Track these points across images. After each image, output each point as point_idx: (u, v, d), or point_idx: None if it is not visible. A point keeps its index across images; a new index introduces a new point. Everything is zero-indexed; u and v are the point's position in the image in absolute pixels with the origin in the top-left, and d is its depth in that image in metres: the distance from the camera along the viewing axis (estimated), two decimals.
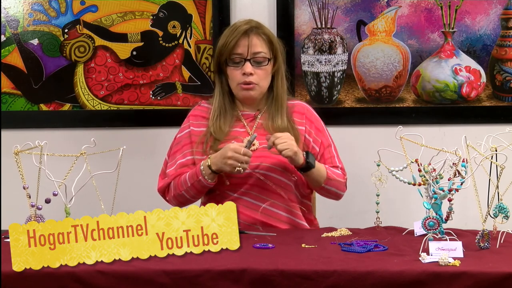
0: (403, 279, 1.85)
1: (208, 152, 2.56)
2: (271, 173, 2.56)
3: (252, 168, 2.54)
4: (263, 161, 2.56)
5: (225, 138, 2.59)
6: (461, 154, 2.19)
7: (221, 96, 2.64)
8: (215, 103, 2.64)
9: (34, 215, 2.15)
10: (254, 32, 2.60)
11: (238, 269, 1.88)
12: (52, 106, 3.31)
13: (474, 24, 3.27)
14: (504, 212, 2.21)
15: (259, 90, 2.61)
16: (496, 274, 1.84)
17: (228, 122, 2.62)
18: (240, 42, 2.58)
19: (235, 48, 2.58)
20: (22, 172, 2.13)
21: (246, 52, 2.57)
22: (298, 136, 2.60)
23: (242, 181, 2.56)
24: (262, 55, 2.59)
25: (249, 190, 2.56)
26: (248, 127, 2.63)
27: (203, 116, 2.67)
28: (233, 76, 2.60)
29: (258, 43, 2.59)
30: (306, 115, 2.69)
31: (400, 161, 2.31)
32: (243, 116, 2.66)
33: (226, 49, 2.59)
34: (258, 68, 2.59)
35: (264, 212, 2.55)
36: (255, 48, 2.58)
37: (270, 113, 2.63)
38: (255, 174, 2.55)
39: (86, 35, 3.29)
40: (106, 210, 2.11)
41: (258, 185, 2.56)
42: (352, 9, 3.27)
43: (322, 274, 1.87)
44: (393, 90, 3.30)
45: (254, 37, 2.59)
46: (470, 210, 2.42)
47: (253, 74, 2.57)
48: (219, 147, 2.54)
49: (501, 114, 3.30)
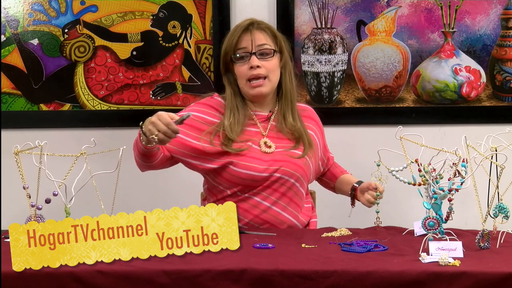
0: (403, 279, 1.85)
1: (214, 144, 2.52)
2: (287, 177, 2.55)
3: (271, 172, 2.53)
4: (282, 165, 2.54)
5: (239, 138, 2.55)
6: (461, 154, 2.19)
7: (233, 96, 2.61)
8: (228, 103, 2.61)
9: (34, 215, 2.15)
10: (256, 26, 2.60)
11: (238, 269, 1.88)
12: (52, 106, 3.31)
13: (474, 24, 3.27)
14: (504, 212, 2.21)
15: (269, 85, 2.58)
16: (496, 274, 1.84)
17: (241, 121, 2.58)
18: (242, 37, 2.57)
19: (239, 44, 2.57)
20: (22, 172, 2.13)
21: (250, 45, 2.56)
22: (311, 141, 2.62)
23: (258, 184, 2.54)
24: (266, 47, 2.58)
25: (261, 191, 2.55)
26: (261, 128, 2.61)
27: (215, 108, 2.63)
28: (240, 72, 2.58)
29: (261, 36, 2.59)
30: (315, 120, 2.74)
31: (400, 161, 2.31)
32: (256, 116, 2.63)
33: (230, 47, 2.58)
34: (265, 60, 2.57)
35: (271, 213, 2.55)
36: (259, 41, 2.57)
37: (282, 113, 2.62)
38: (272, 177, 2.54)
39: (86, 35, 3.29)
40: (106, 210, 2.11)
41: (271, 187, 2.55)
42: (352, 9, 3.27)
43: (322, 274, 1.87)
44: (393, 90, 3.30)
45: (257, 31, 2.59)
46: (470, 210, 2.43)
47: (261, 67, 2.56)
48: (233, 147, 2.52)
49: (501, 114, 3.30)
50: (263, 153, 2.55)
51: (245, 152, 2.53)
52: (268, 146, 2.56)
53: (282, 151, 2.56)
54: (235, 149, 2.52)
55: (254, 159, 2.53)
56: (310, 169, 2.60)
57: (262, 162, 2.53)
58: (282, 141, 2.59)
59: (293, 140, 2.60)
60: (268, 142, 2.57)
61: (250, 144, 2.55)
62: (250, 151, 2.54)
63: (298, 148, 2.59)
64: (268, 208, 2.54)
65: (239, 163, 2.52)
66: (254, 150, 2.55)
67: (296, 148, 2.58)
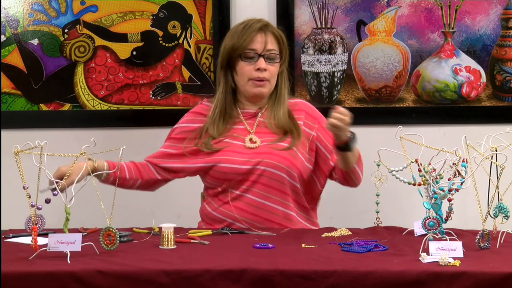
0: (403, 279, 1.85)
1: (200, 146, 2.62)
2: (272, 169, 2.56)
3: (253, 165, 2.55)
4: (265, 157, 2.57)
5: (223, 136, 2.62)
6: (461, 154, 2.19)
7: (224, 94, 2.66)
8: (216, 101, 2.67)
9: (34, 215, 2.15)
10: (270, 29, 2.64)
11: (238, 269, 1.88)
12: (52, 106, 3.31)
13: (474, 24, 3.27)
14: (504, 212, 2.21)
15: (269, 87, 2.64)
16: (496, 274, 1.84)
17: (227, 121, 2.65)
18: (256, 38, 2.61)
19: (251, 44, 2.61)
20: (22, 172, 2.13)
21: (262, 48, 2.61)
22: (300, 133, 2.62)
23: (244, 178, 2.56)
24: (274, 52, 2.63)
25: (251, 187, 2.57)
26: (247, 125, 2.65)
27: (202, 113, 2.70)
28: (245, 71, 2.62)
29: (273, 40, 2.64)
30: (306, 111, 2.70)
31: (400, 161, 2.31)
32: (243, 114, 2.67)
33: (241, 45, 2.61)
34: (271, 65, 2.62)
35: (263, 208, 2.56)
36: (270, 45, 2.62)
37: (271, 111, 2.66)
38: (256, 170, 2.56)
39: (86, 35, 3.29)
40: (106, 210, 2.11)
41: (260, 182, 2.57)
42: (352, 9, 3.27)
43: (322, 274, 1.87)
44: (393, 90, 3.30)
45: (270, 35, 2.64)
46: (470, 210, 2.42)
47: (266, 70, 2.61)
48: (212, 145, 2.60)
49: (501, 114, 3.30)
50: (246, 148, 2.61)
51: (227, 149, 2.59)
52: (253, 142, 2.61)
53: (266, 145, 2.59)
54: (215, 148, 2.60)
55: (235, 153, 2.58)
56: (299, 160, 2.60)
57: (243, 155, 2.58)
58: (268, 135, 2.62)
59: (280, 134, 2.62)
60: (253, 138, 2.62)
61: (229, 141, 2.60)
62: (233, 147, 2.60)
63: (285, 140, 2.61)
64: (262, 204, 2.56)
65: (221, 158, 2.58)
66: (237, 146, 2.61)
67: (282, 141, 2.60)
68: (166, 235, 2.16)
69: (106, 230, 2.09)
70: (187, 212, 2.98)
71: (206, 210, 2.67)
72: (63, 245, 2.02)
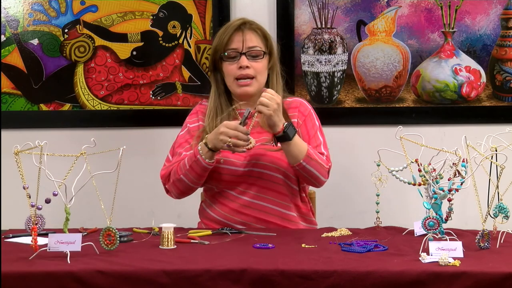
0: (403, 279, 1.85)
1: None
2: (267, 170, 2.56)
3: (249, 167, 2.56)
4: (259, 159, 2.56)
5: None
6: (461, 154, 2.19)
7: (217, 95, 2.67)
8: (211, 103, 2.67)
9: (34, 215, 2.15)
10: (248, 27, 2.63)
11: (238, 269, 1.89)
12: (52, 106, 3.31)
13: (474, 24, 3.27)
14: (504, 212, 2.21)
15: (256, 85, 2.62)
16: (496, 274, 1.85)
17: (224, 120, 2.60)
18: (234, 37, 2.60)
19: (230, 43, 2.60)
20: (22, 172, 2.13)
21: (241, 46, 2.60)
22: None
23: (240, 179, 2.56)
24: (257, 49, 2.61)
25: (247, 189, 2.57)
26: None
27: (203, 112, 2.70)
28: (229, 71, 2.61)
29: (252, 37, 2.62)
30: (299, 109, 2.69)
31: (400, 161, 2.31)
32: (240, 114, 2.66)
33: (220, 46, 2.61)
34: (254, 61, 2.60)
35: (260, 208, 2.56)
36: (250, 42, 2.61)
37: None
38: (252, 172, 2.56)
39: (86, 35, 3.29)
40: (106, 210, 2.11)
41: (256, 183, 2.56)
42: (352, 9, 3.27)
43: (322, 274, 1.87)
44: (393, 90, 3.30)
45: (249, 32, 2.62)
46: (470, 210, 2.43)
47: (250, 67, 2.59)
48: None
49: (501, 114, 3.30)
50: None
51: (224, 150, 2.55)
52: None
53: (260, 145, 2.58)
54: None
55: (231, 155, 2.54)
56: None
57: (239, 156, 2.56)
58: (263, 135, 2.61)
59: None
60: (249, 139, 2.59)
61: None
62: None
63: None
64: (259, 205, 2.56)
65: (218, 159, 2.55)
66: None
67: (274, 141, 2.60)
68: (166, 235, 2.16)
69: (106, 230, 2.10)
70: (187, 212, 2.98)
71: (204, 211, 2.67)
72: (63, 245, 2.02)
